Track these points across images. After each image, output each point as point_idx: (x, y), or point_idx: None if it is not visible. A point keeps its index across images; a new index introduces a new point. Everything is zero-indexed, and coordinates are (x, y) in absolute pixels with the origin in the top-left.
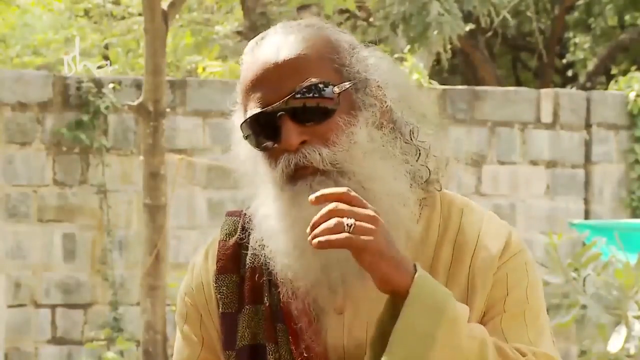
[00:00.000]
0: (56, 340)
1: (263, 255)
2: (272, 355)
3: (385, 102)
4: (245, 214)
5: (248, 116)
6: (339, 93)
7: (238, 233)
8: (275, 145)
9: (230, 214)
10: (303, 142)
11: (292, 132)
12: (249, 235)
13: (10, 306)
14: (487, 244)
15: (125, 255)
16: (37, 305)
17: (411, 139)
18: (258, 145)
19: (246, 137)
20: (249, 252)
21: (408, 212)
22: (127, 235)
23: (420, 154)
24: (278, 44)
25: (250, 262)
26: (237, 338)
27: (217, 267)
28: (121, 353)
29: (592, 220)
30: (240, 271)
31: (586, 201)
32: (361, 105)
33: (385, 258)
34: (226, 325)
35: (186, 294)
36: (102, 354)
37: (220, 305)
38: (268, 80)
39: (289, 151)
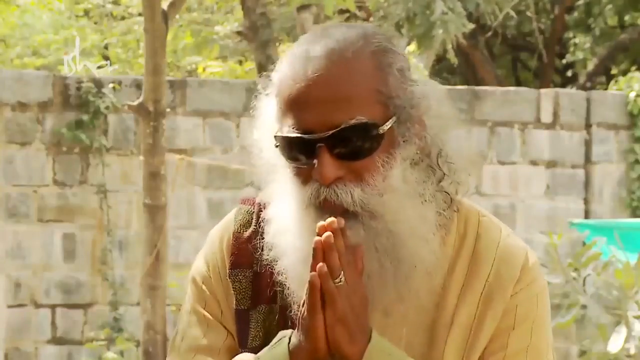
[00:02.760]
0: (56, 340)
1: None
2: None
3: (425, 137)
4: (259, 204)
5: (285, 134)
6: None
7: (252, 226)
8: (307, 165)
9: (244, 201)
10: (337, 178)
11: (328, 167)
12: (263, 229)
13: (10, 306)
14: (502, 270)
15: (125, 255)
16: (37, 305)
17: (438, 164)
18: (289, 159)
19: (276, 146)
20: (265, 248)
21: (430, 252)
22: (127, 235)
23: (445, 178)
24: (330, 64)
25: (266, 259)
26: (249, 336)
27: (230, 261)
28: (121, 353)
29: (592, 220)
30: (253, 266)
31: (586, 201)
32: (400, 142)
33: (343, 323)
34: (239, 322)
35: (204, 283)
36: (102, 354)
37: (234, 301)
38: (314, 104)
39: (321, 183)
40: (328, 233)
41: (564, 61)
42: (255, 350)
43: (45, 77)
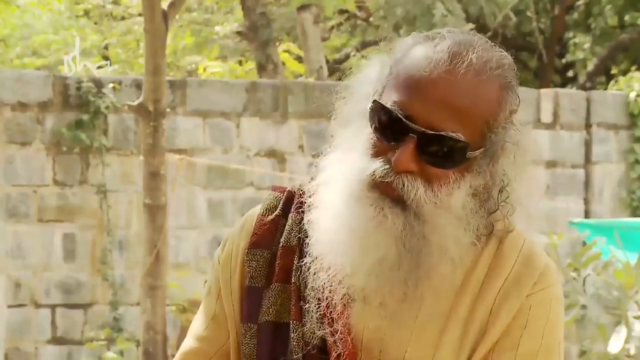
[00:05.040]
0: (56, 340)
1: (302, 234)
2: (295, 332)
3: (496, 180)
4: (290, 191)
5: (388, 105)
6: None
7: (278, 210)
8: (386, 143)
9: (275, 189)
10: (409, 171)
11: (409, 157)
12: (287, 214)
13: (10, 306)
14: (522, 271)
15: (125, 255)
16: (37, 305)
17: (497, 199)
18: (374, 127)
19: (370, 108)
20: (285, 231)
21: (448, 272)
22: (127, 235)
23: (496, 213)
24: (465, 75)
25: (284, 241)
26: (260, 312)
27: (250, 240)
28: (121, 353)
29: (592, 220)
30: (272, 248)
31: (586, 201)
32: (474, 170)
33: None
34: (250, 299)
35: (213, 267)
36: (102, 354)
37: (248, 279)
38: (431, 99)
39: (393, 167)
40: None
41: (564, 61)
42: (264, 325)
43: (45, 77)
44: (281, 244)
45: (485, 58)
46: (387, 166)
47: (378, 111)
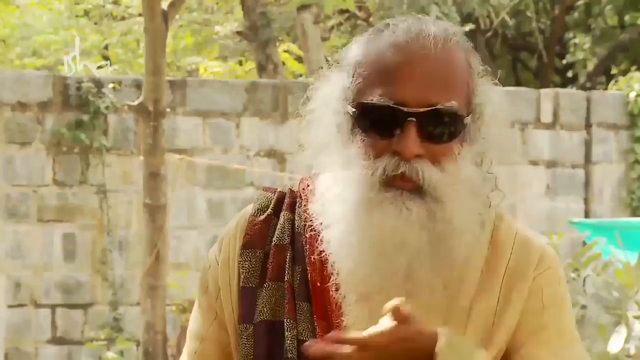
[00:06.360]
0: (56, 340)
1: (300, 229)
2: (290, 331)
3: (486, 141)
4: (281, 191)
5: (377, 102)
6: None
7: (269, 210)
8: (384, 139)
9: (265, 189)
10: (417, 155)
11: (415, 141)
12: (279, 213)
13: (10, 306)
14: (521, 255)
15: (125, 255)
16: (37, 305)
17: (485, 171)
18: (369, 129)
19: (354, 116)
20: (277, 230)
21: (472, 248)
22: (127, 235)
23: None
24: (436, 45)
25: (276, 240)
26: (255, 312)
27: (243, 241)
28: (121, 353)
29: (592, 219)
30: (265, 247)
31: (586, 201)
32: (470, 138)
33: None
34: (245, 299)
35: (210, 267)
36: (102, 354)
37: (242, 279)
38: (415, 78)
39: (401, 157)
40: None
41: (564, 61)
42: (260, 325)
43: (45, 77)
44: (273, 242)
45: (442, 28)
46: (395, 158)
47: (366, 112)
